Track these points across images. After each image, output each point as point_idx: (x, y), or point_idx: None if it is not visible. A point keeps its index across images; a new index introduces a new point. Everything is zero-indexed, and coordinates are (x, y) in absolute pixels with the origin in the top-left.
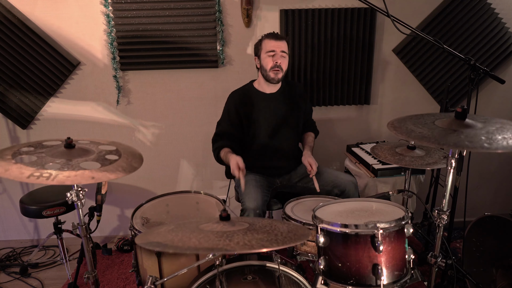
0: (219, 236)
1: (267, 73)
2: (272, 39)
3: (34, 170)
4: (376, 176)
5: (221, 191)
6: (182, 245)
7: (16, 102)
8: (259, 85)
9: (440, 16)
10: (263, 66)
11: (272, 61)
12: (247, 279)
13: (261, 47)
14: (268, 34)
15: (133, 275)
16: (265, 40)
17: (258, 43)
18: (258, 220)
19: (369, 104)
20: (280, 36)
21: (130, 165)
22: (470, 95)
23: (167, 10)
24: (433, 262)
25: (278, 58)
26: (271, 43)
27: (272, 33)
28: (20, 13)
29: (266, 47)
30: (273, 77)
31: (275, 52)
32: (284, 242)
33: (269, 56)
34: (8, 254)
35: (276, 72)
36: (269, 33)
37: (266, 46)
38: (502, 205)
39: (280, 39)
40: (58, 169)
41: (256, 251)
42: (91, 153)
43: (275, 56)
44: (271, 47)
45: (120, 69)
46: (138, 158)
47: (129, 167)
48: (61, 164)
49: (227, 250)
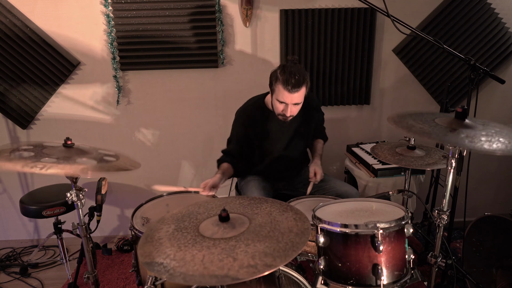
0: (221, 251)
1: (276, 113)
2: (286, 91)
3: (29, 162)
4: (376, 176)
5: (221, 191)
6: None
7: (16, 102)
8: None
9: (440, 16)
10: (274, 105)
11: (281, 111)
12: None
13: (274, 87)
14: (284, 79)
15: (133, 275)
16: (279, 86)
17: (273, 79)
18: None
19: (369, 104)
20: (296, 86)
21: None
22: (470, 95)
23: (167, 10)
24: (433, 262)
25: (287, 111)
26: (284, 94)
27: (287, 81)
28: (20, 13)
29: (278, 95)
30: (281, 119)
31: (287, 104)
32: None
33: (280, 103)
34: (8, 254)
35: (284, 119)
36: (285, 78)
37: (278, 94)
38: (502, 205)
39: (296, 91)
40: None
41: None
42: (89, 153)
43: (286, 107)
44: (283, 98)
45: (120, 69)
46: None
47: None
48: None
49: (233, 279)
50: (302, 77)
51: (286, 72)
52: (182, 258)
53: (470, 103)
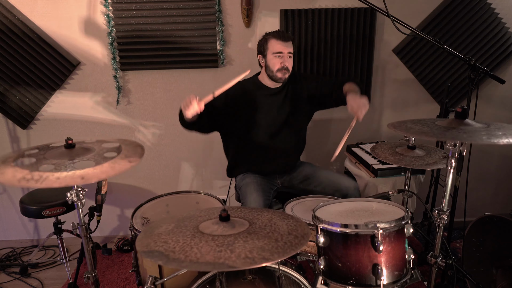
0: (219, 244)
1: (274, 74)
2: (279, 40)
3: (27, 173)
4: (376, 176)
5: (221, 191)
6: (184, 258)
7: (16, 102)
8: (263, 79)
9: (440, 16)
10: (269, 66)
11: (280, 63)
12: (247, 279)
13: (266, 46)
14: (275, 33)
15: (133, 275)
16: (272, 40)
17: (263, 41)
18: (257, 215)
19: (369, 104)
20: (287, 37)
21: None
22: (470, 95)
23: (167, 10)
24: (433, 262)
25: (285, 61)
26: (278, 44)
27: (278, 33)
28: (20, 13)
29: (273, 48)
30: (281, 77)
31: (283, 54)
32: (285, 251)
33: (276, 57)
34: (8, 254)
35: (283, 73)
36: (275, 32)
37: (273, 47)
38: (502, 205)
39: (287, 40)
40: (50, 171)
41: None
42: (91, 152)
43: (283, 58)
44: (278, 49)
45: (120, 69)
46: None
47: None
48: (55, 165)
49: (229, 267)
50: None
51: (274, 31)
52: (180, 247)
53: (470, 103)
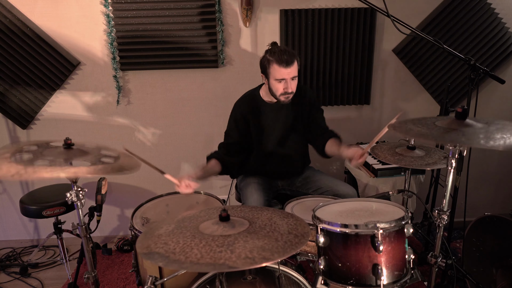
0: (220, 244)
1: (277, 97)
2: (282, 67)
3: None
4: (376, 176)
5: (221, 191)
6: (184, 259)
7: (16, 102)
8: (266, 95)
9: (440, 16)
10: (272, 90)
11: (283, 89)
12: (247, 279)
13: (269, 70)
14: (277, 58)
15: (133, 275)
16: (274, 66)
17: (266, 63)
18: (257, 215)
19: (369, 104)
20: (290, 60)
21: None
22: (470, 95)
23: (167, 10)
24: (433, 262)
25: (289, 87)
26: (281, 71)
27: (281, 58)
28: (20, 13)
29: (276, 74)
30: (284, 100)
31: (286, 80)
32: (285, 251)
33: (279, 83)
34: (8, 254)
35: (287, 97)
36: (278, 56)
37: (276, 73)
38: (502, 205)
39: (290, 65)
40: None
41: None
42: (89, 154)
43: (286, 83)
44: (281, 75)
45: (120, 69)
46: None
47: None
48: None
49: (230, 267)
50: (291, 52)
51: (275, 52)
52: (180, 248)
53: (470, 103)
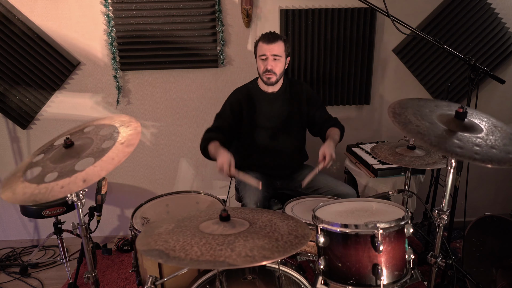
0: (220, 243)
1: (261, 77)
2: (264, 43)
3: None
4: (376, 176)
5: (221, 191)
6: (184, 256)
7: (16, 102)
8: (261, 83)
9: (440, 16)
10: (257, 69)
11: (263, 66)
12: (247, 279)
13: (256, 49)
14: (263, 35)
15: (133, 275)
16: (259, 43)
17: (255, 44)
18: (258, 215)
19: (369, 104)
20: (273, 38)
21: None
22: (470, 95)
23: (167, 10)
24: (433, 262)
25: (268, 64)
26: (263, 47)
27: (265, 35)
28: (20, 13)
29: (259, 51)
30: (266, 81)
31: (266, 56)
32: (285, 250)
33: (261, 60)
34: (8, 254)
35: (268, 76)
36: (263, 35)
37: (259, 50)
38: (502, 205)
39: (273, 42)
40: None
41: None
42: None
43: (266, 60)
44: (263, 51)
45: (120, 69)
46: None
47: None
48: (58, 172)
49: (230, 265)
50: (278, 34)
51: (264, 33)
52: (180, 246)
53: (470, 103)
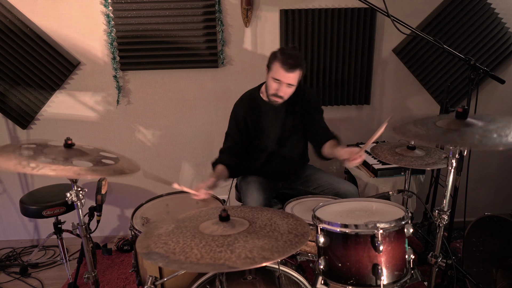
0: (220, 244)
1: (269, 95)
2: (283, 69)
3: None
4: (376, 176)
5: (221, 191)
6: (184, 259)
7: (16, 102)
8: (265, 94)
9: (440, 16)
10: (267, 85)
11: (274, 89)
12: (247, 279)
13: (272, 66)
14: (284, 57)
15: (133, 275)
16: (277, 64)
17: (272, 58)
18: (257, 215)
19: (369, 104)
20: (293, 66)
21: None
22: (470, 95)
23: (167, 10)
24: (433, 262)
25: (281, 90)
26: (281, 72)
27: (286, 60)
28: (20, 13)
29: (274, 72)
30: (272, 101)
31: (281, 82)
32: (285, 251)
33: (274, 81)
34: (8, 254)
35: (275, 100)
36: (285, 57)
37: (275, 72)
38: (502, 205)
39: (292, 71)
40: (47, 162)
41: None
42: (88, 155)
43: (280, 85)
44: (279, 76)
45: (120, 69)
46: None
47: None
48: (52, 159)
49: (230, 267)
50: (299, 60)
51: (285, 53)
52: (180, 248)
53: (470, 103)
